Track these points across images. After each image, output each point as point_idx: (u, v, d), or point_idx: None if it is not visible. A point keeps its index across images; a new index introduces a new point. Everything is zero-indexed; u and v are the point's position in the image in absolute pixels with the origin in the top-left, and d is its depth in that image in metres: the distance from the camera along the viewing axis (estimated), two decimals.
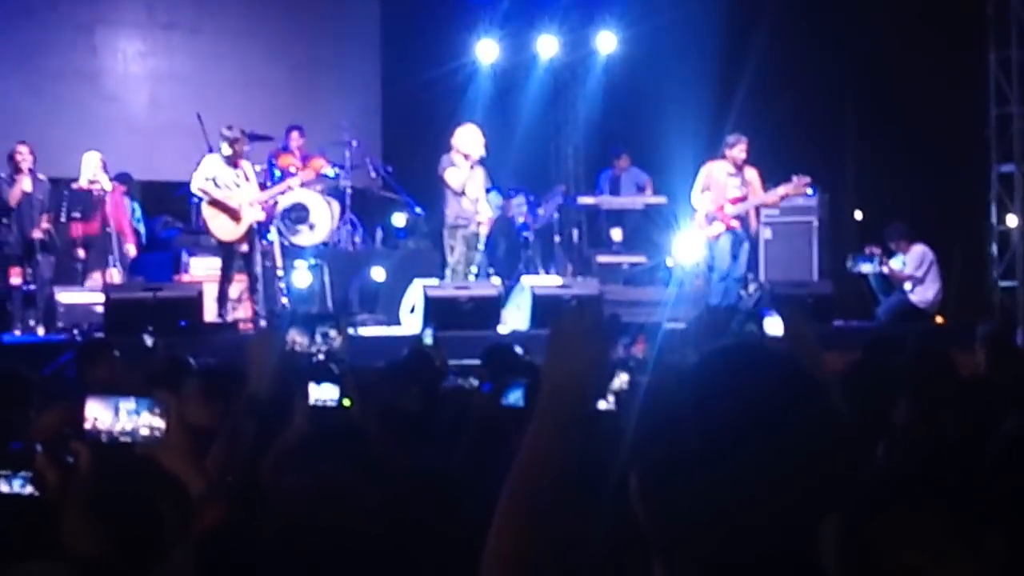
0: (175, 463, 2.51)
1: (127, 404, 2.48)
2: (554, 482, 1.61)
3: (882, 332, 10.87)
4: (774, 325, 3.98)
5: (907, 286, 12.21)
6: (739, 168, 11.48)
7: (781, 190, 11.68)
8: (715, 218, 11.45)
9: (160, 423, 2.47)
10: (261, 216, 11.01)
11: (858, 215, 14.35)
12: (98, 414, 2.46)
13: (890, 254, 12.29)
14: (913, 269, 12.18)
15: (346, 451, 3.07)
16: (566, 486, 1.61)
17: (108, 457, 2.47)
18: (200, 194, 10.96)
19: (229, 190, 10.85)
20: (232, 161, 10.96)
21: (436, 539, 2.71)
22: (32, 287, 10.96)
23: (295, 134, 13.09)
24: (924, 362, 4.90)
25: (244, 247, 10.91)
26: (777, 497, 1.34)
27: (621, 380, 3.24)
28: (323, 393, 3.42)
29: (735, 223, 11.44)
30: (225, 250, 10.99)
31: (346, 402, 3.43)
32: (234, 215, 10.83)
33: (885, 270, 12.23)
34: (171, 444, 2.48)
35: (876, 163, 13.84)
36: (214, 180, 10.87)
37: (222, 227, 10.86)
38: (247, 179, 11.01)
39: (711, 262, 11.58)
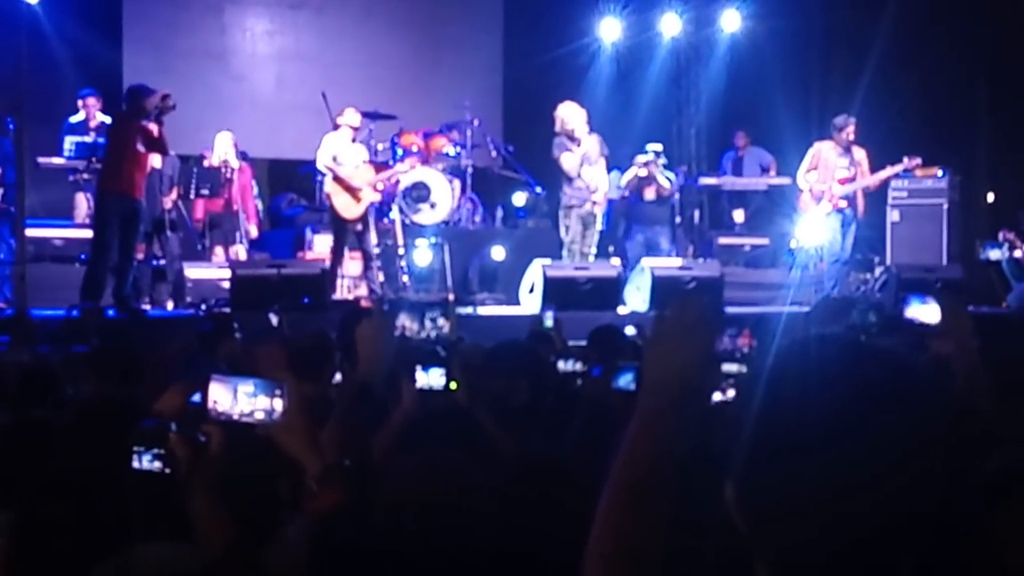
0: (292, 444, 2.54)
1: (245, 387, 2.51)
2: (655, 475, 1.59)
3: (1005, 319, 10.55)
4: (923, 311, 3.83)
5: None
6: (847, 149, 11.45)
7: (889, 171, 11.60)
8: (821, 197, 11.40)
9: (278, 405, 2.50)
10: (377, 198, 11.29)
11: (990, 197, 13.94)
12: (218, 396, 2.51)
13: None
14: None
15: (454, 433, 3.09)
16: (668, 479, 1.59)
17: (234, 439, 2.52)
18: (325, 170, 11.20)
19: (353, 169, 11.10)
20: (354, 142, 11.28)
21: (546, 520, 2.71)
22: (162, 262, 11.24)
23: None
24: None
25: (359, 226, 11.15)
26: (895, 483, 1.31)
27: (736, 369, 3.18)
28: (431, 379, 3.44)
29: (843, 203, 11.41)
30: (338, 226, 11.21)
31: (452, 386, 3.45)
32: (355, 194, 11.06)
33: (1018, 254, 11.86)
34: (289, 426, 2.51)
35: (1010, 143, 13.39)
36: (335, 158, 11.11)
37: (345, 205, 11.08)
38: (364, 161, 11.32)
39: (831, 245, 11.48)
